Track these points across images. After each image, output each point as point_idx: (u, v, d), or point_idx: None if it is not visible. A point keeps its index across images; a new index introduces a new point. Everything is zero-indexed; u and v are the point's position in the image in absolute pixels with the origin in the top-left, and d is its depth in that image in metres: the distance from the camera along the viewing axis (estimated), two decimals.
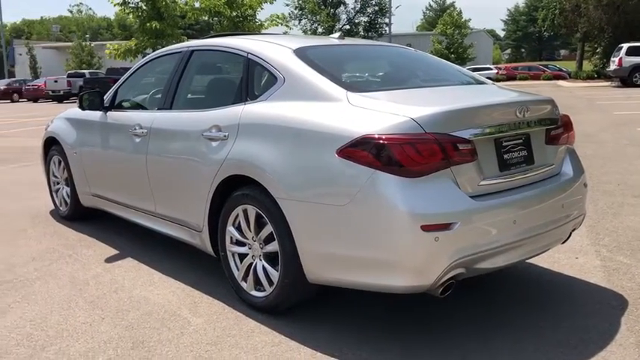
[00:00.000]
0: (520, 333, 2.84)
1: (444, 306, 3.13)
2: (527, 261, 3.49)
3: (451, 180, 2.58)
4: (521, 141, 2.92)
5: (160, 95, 4.05)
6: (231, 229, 3.24)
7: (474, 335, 2.83)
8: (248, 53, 3.39)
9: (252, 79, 3.33)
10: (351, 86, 2.95)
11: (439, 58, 4.10)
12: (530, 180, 2.93)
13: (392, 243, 2.51)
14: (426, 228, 2.45)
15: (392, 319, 3.04)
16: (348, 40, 4.04)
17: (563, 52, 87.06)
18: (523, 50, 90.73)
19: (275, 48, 3.34)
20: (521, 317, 3.02)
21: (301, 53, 3.22)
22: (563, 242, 3.24)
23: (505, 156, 2.83)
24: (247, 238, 3.17)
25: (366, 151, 2.53)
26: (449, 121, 2.62)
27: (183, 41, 17.20)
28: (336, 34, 3.87)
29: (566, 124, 3.26)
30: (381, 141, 2.52)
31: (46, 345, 2.81)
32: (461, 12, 47.92)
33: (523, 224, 2.77)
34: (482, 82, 3.62)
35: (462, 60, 42.86)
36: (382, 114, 2.64)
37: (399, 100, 2.80)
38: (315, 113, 2.83)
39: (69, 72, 37.06)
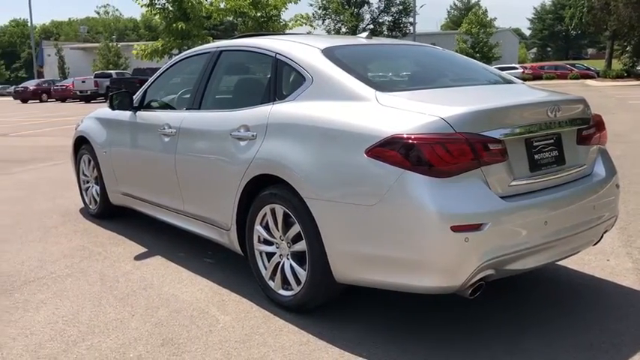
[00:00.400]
0: (550, 335, 2.81)
1: (472, 307, 3.10)
2: (557, 263, 3.44)
3: (481, 180, 2.56)
4: (552, 141, 2.89)
5: (188, 95, 4.09)
6: (258, 228, 3.26)
7: (504, 337, 2.80)
8: (276, 53, 3.41)
9: (280, 79, 3.35)
10: (380, 86, 2.94)
11: (467, 57, 4.07)
12: (562, 181, 2.89)
13: (421, 243, 2.50)
14: (456, 228, 2.44)
15: (420, 320, 3.03)
16: (376, 40, 4.03)
17: (590, 50, 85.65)
18: (549, 49, 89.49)
19: (303, 48, 3.35)
20: (552, 319, 2.98)
21: (329, 53, 3.23)
22: (595, 244, 3.19)
23: (536, 156, 2.80)
24: (275, 237, 3.19)
25: (396, 151, 2.52)
26: (479, 120, 2.60)
27: (209, 42, 17.35)
28: (364, 34, 3.87)
29: (598, 124, 3.21)
30: (411, 141, 2.51)
31: (78, 340, 2.86)
32: (486, 11, 47.48)
33: (554, 225, 2.74)
34: (511, 82, 3.59)
35: (487, 59, 42.44)
36: (412, 113, 2.63)
37: (429, 100, 2.78)
38: (343, 113, 2.83)
39: (96, 72, 37.70)
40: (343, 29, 46.57)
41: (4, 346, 2.81)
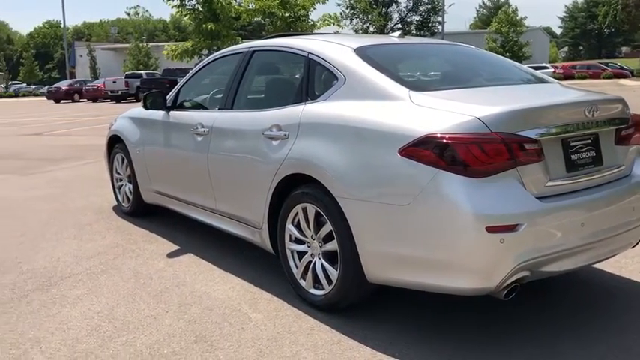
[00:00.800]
0: (585, 338, 2.76)
1: (506, 309, 3.07)
2: (593, 265, 3.38)
3: (517, 181, 2.53)
4: (589, 141, 2.83)
5: (221, 95, 4.13)
6: (290, 227, 3.27)
7: (538, 339, 2.76)
8: (308, 53, 3.42)
9: (312, 79, 3.36)
10: (414, 85, 2.93)
11: (501, 56, 4.02)
12: (599, 181, 2.84)
13: (456, 244, 2.48)
14: (491, 229, 2.41)
15: (453, 321, 3.00)
16: (409, 39, 4.01)
17: (624, 49, 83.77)
18: (581, 48, 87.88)
19: (336, 47, 3.36)
20: (587, 322, 2.94)
21: (362, 52, 3.22)
22: (633, 246, 3.12)
23: (572, 157, 2.75)
24: (306, 237, 3.20)
25: (430, 151, 2.51)
26: (515, 120, 2.57)
27: (238, 42, 17.49)
28: (397, 33, 3.86)
29: (637, 124, 3.14)
30: (445, 140, 2.49)
31: (113, 336, 2.91)
32: (516, 9, 46.83)
33: (591, 227, 2.69)
34: (546, 81, 3.53)
35: (517, 59, 41.82)
36: (446, 113, 2.61)
37: (463, 99, 2.76)
38: (376, 112, 2.83)
39: (126, 73, 38.29)
40: (371, 29, 46.45)
41: (43, 340, 2.88)
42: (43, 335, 2.93)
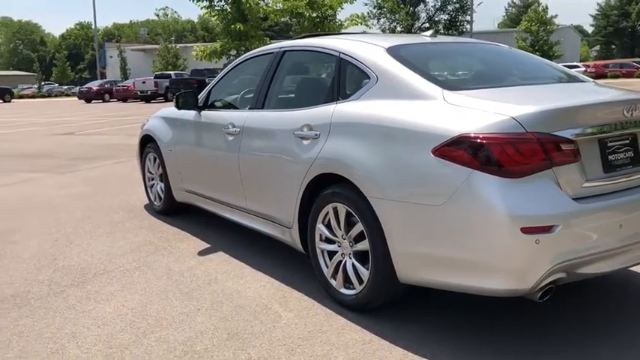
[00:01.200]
0: (621, 341, 2.71)
1: (540, 310, 3.02)
2: (630, 268, 3.31)
3: (553, 181, 2.49)
4: (627, 141, 2.78)
5: (252, 95, 4.16)
6: (320, 227, 3.28)
7: (573, 342, 2.72)
8: (340, 53, 3.42)
9: (344, 79, 3.36)
10: (447, 84, 2.91)
11: (535, 55, 3.97)
12: (638, 182, 2.77)
13: (490, 245, 2.45)
14: (527, 230, 2.38)
15: (485, 322, 2.97)
16: (441, 38, 3.99)
17: None
18: (614, 47, 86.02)
19: (367, 47, 3.35)
20: (622, 326, 2.88)
21: (394, 52, 3.21)
22: None
23: (610, 157, 2.70)
24: (337, 236, 3.20)
25: (464, 151, 2.49)
26: (551, 120, 2.53)
27: (266, 43, 17.57)
28: (429, 32, 3.84)
29: None
30: (480, 140, 2.47)
31: (147, 332, 2.96)
32: (546, 8, 46.08)
33: (630, 229, 2.63)
34: (581, 80, 3.48)
35: (547, 58, 40.87)
36: (480, 112, 2.59)
37: (498, 99, 2.73)
38: (409, 112, 2.81)
39: (156, 73, 38.79)
40: (398, 28, 46.20)
41: (79, 335, 2.94)
42: (79, 330, 2.99)
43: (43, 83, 61.05)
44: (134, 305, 3.30)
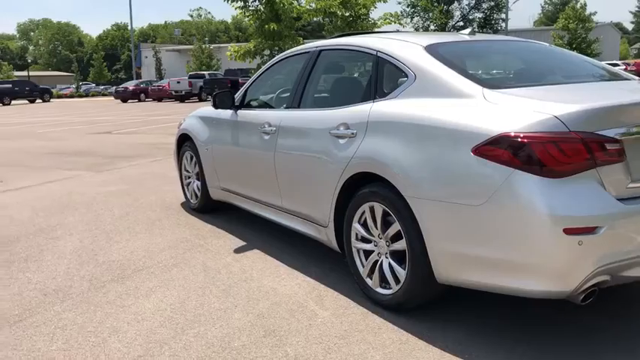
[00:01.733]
0: None
1: (581, 313, 2.96)
2: None
3: (596, 181, 2.44)
4: None
5: (288, 94, 4.18)
6: (356, 226, 3.27)
7: (621, 344, 2.66)
8: (377, 51, 3.41)
9: (381, 77, 3.35)
10: (487, 83, 2.87)
11: (577, 53, 3.88)
12: None
13: (531, 246, 2.41)
14: (569, 231, 2.33)
15: (524, 323, 2.93)
16: (480, 36, 3.94)
17: None
18: None
19: (405, 45, 3.33)
20: None
21: (433, 50, 3.19)
22: None
23: None
24: (373, 236, 3.19)
25: (505, 150, 2.45)
26: (595, 119, 2.48)
27: (299, 42, 17.59)
28: (467, 30, 3.79)
29: None
30: (521, 139, 2.43)
31: (185, 328, 3.00)
32: (585, 5, 45.05)
33: None
34: (625, 78, 3.39)
35: (585, 56, 40.15)
36: (522, 111, 2.55)
37: (539, 97, 2.68)
38: (449, 110, 2.79)
39: (190, 73, 39.27)
40: (432, 27, 45.76)
41: (119, 330, 3.00)
42: (120, 325, 3.05)
43: (80, 83, 62.41)
44: (172, 301, 3.35)
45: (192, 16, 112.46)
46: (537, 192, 2.39)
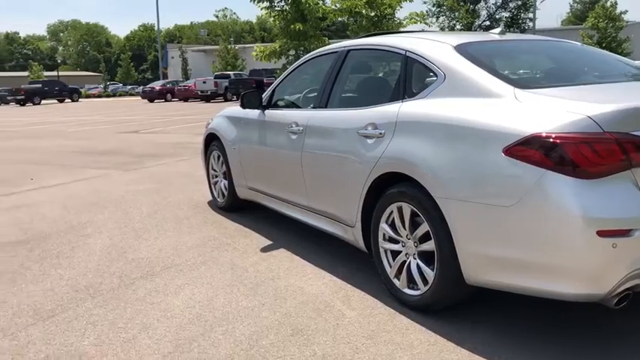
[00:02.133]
0: None
1: (614, 316, 2.91)
2: None
3: (631, 183, 2.39)
4: None
5: (315, 94, 4.19)
6: (384, 226, 3.26)
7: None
8: (406, 51, 3.40)
9: (410, 77, 3.33)
10: (518, 82, 2.84)
11: (610, 52, 3.82)
12: None
13: (564, 248, 2.38)
14: (603, 233, 2.29)
15: (554, 325, 2.89)
16: (510, 35, 3.89)
17: None
18: None
19: (435, 45, 3.31)
20: None
21: (462, 49, 3.16)
22: None
23: None
24: (401, 236, 3.18)
25: (538, 150, 2.42)
26: (630, 119, 2.43)
27: (325, 42, 17.62)
28: (497, 30, 3.75)
29: None
30: (553, 140, 2.40)
31: (214, 325, 3.03)
32: (615, 3, 44.19)
33: None
34: None
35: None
36: (554, 111, 2.51)
37: (572, 97, 2.64)
38: (479, 110, 2.76)
39: (215, 73, 39.59)
40: (458, 26, 45.36)
41: (149, 326, 3.04)
42: (150, 322, 3.09)
43: (108, 83, 63.42)
44: (201, 298, 3.39)
45: (217, 16, 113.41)
46: (570, 193, 2.35)
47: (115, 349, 2.79)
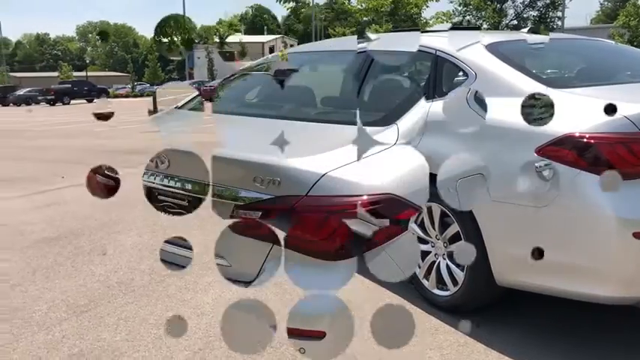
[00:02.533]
0: None
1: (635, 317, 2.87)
2: None
3: None
4: None
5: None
6: (413, 227, 3.25)
7: None
8: (437, 50, 3.38)
9: (440, 76, 3.31)
10: (551, 82, 2.81)
11: None
12: None
13: (598, 250, 2.34)
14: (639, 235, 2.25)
15: (586, 328, 2.85)
16: (541, 35, 3.84)
17: None
18: None
19: (466, 44, 3.28)
20: None
21: (493, 49, 3.14)
22: None
23: None
24: (430, 236, 3.16)
25: (570, 151, 2.39)
26: None
27: None
28: (526, 29, 3.71)
29: None
30: (587, 140, 2.36)
31: None
32: None
33: None
34: None
35: None
36: (588, 111, 2.48)
37: (607, 97, 2.59)
38: (511, 110, 2.72)
39: None
40: (485, 25, 44.91)
41: None
42: None
43: (135, 83, 64.26)
44: (230, 296, 3.41)
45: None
46: (605, 194, 2.32)
47: (146, 345, 2.84)
